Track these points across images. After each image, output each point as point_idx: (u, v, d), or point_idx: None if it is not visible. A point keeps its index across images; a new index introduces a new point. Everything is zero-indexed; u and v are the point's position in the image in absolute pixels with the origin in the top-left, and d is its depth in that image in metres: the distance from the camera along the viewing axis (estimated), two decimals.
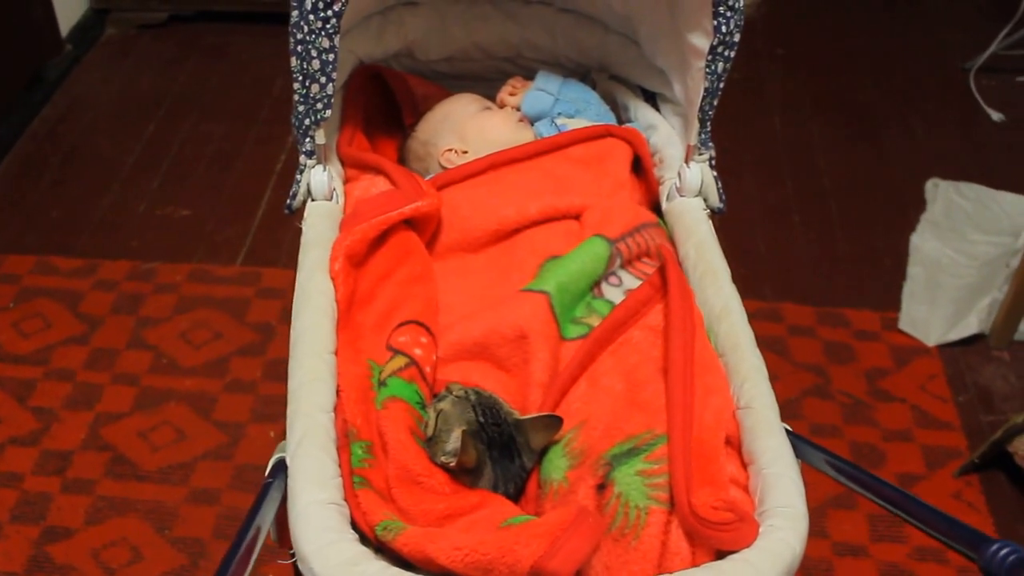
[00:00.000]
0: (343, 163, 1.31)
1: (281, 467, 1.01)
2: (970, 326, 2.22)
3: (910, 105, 2.95)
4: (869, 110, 2.93)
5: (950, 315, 2.26)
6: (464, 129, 1.39)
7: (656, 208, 1.36)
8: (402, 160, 1.46)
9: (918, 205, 2.56)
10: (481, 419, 1.01)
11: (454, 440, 0.98)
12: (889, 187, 2.65)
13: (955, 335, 2.22)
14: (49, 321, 2.19)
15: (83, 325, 2.17)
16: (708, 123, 1.26)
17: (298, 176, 1.24)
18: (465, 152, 1.38)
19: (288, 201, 1.26)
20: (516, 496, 1.04)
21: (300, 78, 1.17)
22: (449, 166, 1.38)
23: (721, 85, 1.24)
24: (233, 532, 1.77)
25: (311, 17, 1.13)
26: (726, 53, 1.21)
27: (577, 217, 1.26)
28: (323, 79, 1.17)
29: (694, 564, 0.94)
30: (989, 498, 1.92)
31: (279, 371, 2.09)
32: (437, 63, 1.54)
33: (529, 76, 1.50)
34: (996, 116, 2.88)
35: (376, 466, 1.02)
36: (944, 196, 2.57)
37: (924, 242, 2.46)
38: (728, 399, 1.03)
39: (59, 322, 2.18)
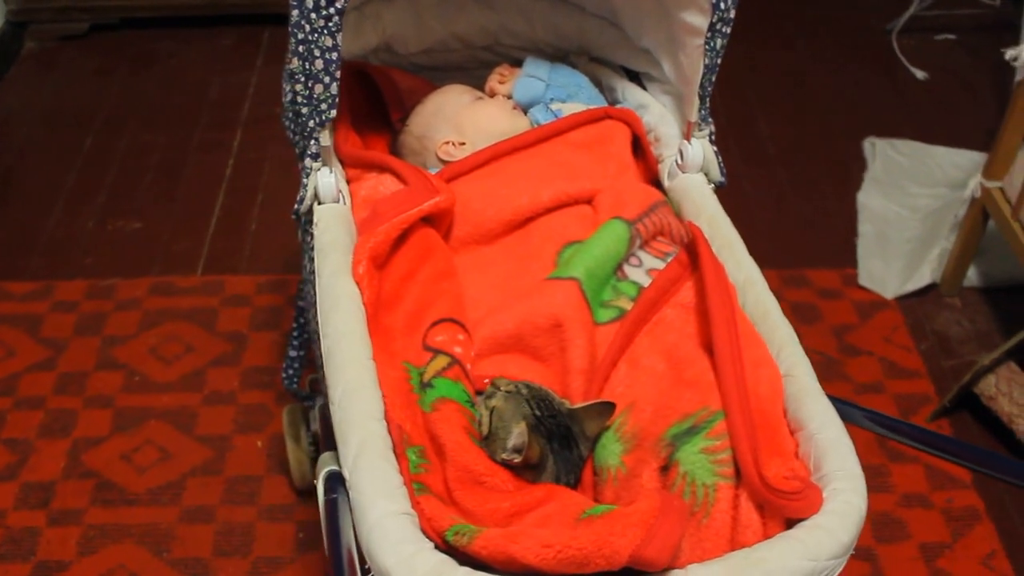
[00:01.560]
0: (343, 163, 1.26)
1: (335, 481, 0.97)
2: (923, 277, 2.27)
3: (839, 68, 3.01)
4: (802, 75, 2.98)
5: (903, 268, 2.31)
6: (459, 120, 1.35)
7: (655, 186, 1.35)
8: (395, 156, 1.42)
9: (860, 164, 2.61)
10: (537, 412, 0.99)
11: (517, 436, 0.95)
12: (830, 148, 2.69)
13: (911, 286, 2.27)
14: (10, 348, 2.08)
15: (47, 350, 2.07)
16: (707, 99, 1.25)
17: (304, 180, 1.19)
18: (463, 144, 1.34)
19: (296, 207, 1.21)
20: (575, 486, 1.02)
21: (303, 79, 1.12)
22: (447, 159, 1.34)
23: (719, 60, 1.23)
24: (233, 547, 1.74)
25: (313, 16, 1.08)
26: (724, 29, 1.20)
27: (589, 201, 1.24)
28: (327, 79, 1.12)
29: (766, 535, 0.93)
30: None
31: (257, 380, 2.05)
32: (416, 56, 1.50)
33: (509, 63, 1.47)
34: (920, 74, 2.95)
35: (432, 470, 0.98)
36: (882, 154, 2.63)
37: (870, 199, 2.51)
38: (776, 369, 1.02)
39: (21, 349, 2.08)
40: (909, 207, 2.47)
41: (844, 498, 0.92)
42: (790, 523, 0.93)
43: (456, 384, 1.02)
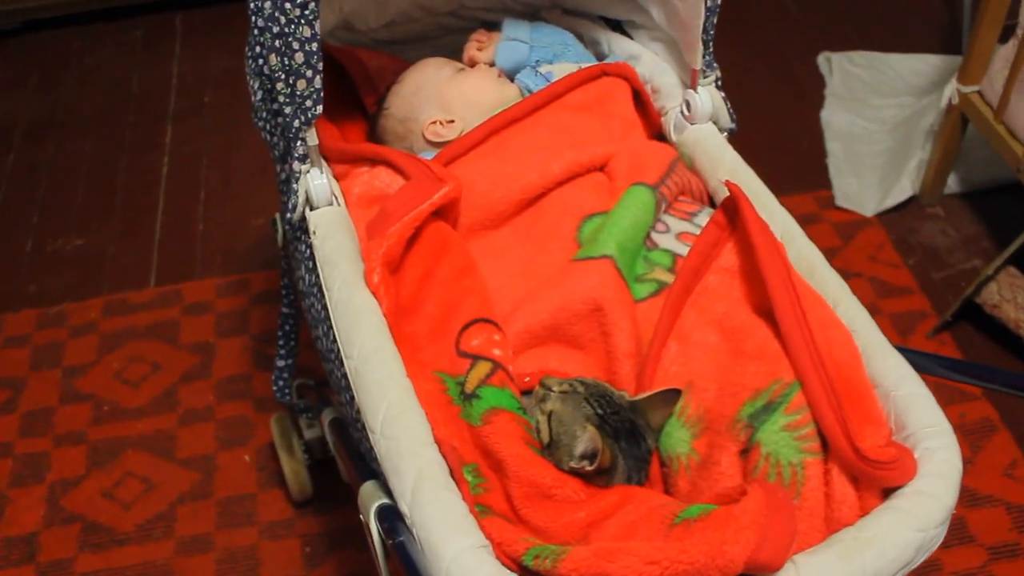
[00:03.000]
0: (327, 160, 1.16)
1: (390, 516, 0.89)
2: (904, 190, 2.25)
3: None
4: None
5: (879, 183, 2.28)
6: (444, 96, 1.26)
7: (660, 141, 1.28)
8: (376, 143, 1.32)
9: (816, 82, 2.57)
10: (599, 411, 0.92)
11: (586, 441, 0.89)
12: (784, 69, 2.64)
13: (891, 201, 2.24)
14: None
15: (5, 391, 1.94)
16: (711, 43, 1.18)
17: (294, 185, 1.09)
18: (451, 121, 1.25)
19: (288, 215, 1.11)
20: (644, 482, 0.96)
21: (283, 76, 1.01)
22: (437, 140, 1.25)
23: (719, 1, 1.15)
24: (239, 574, 1.65)
25: (287, 6, 0.97)
26: None
27: (601, 168, 1.16)
28: (310, 72, 1.02)
29: (862, 508, 0.88)
30: (965, 352, 1.96)
31: (232, 390, 1.94)
32: (377, 31, 1.40)
33: (476, 28, 1.37)
34: None
35: (491, 488, 0.91)
36: (839, 68, 2.59)
37: (833, 116, 2.47)
38: (846, 330, 0.96)
39: None
40: (875, 120, 2.44)
41: (941, 457, 0.88)
42: (887, 492, 0.89)
43: (503, 391, 0.94)
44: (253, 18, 1.09)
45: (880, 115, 2.44)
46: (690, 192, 1.16)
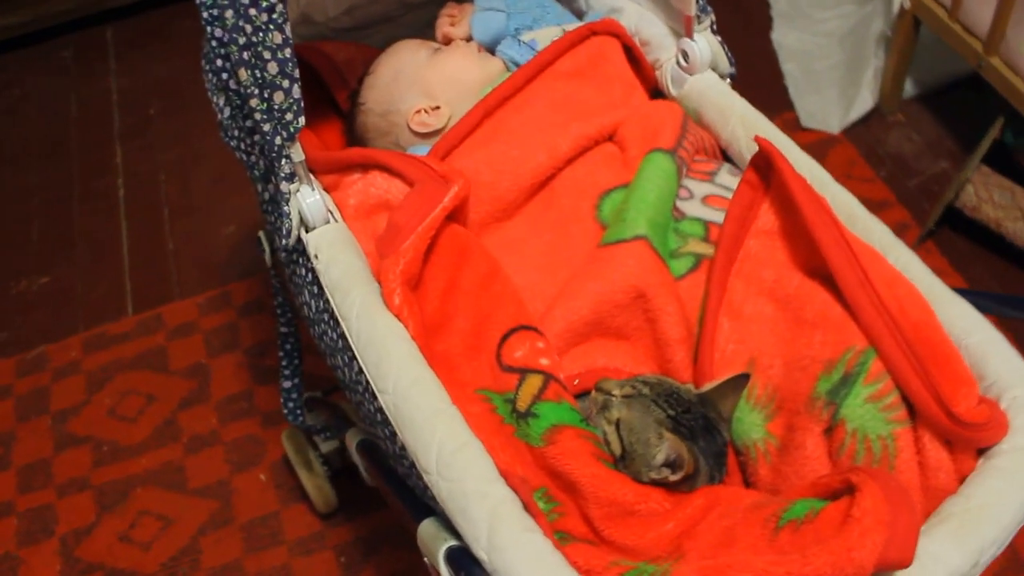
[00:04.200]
0: (314, 172, 1.01)
1: (463, 561, 0.77)
2: (866, 101, 2.15)
3: None
4: None
5: (840, 97, 2.17)
6: (425, 81, 1.11)
7: (658, 97, 1.14)
8: (357, 145, 1.17)
9: (763, 5, 2.43)
10: (671, 412, 0.80)
11: (666, 449, 0.77)
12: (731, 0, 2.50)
13: (855, 114, 2.14)
14: None
15: None
16: None
17: (285, 208, 0.94)
18: (437, 108, 1.10)
19: (282, 240, 0.96)
20: (724, 477, 0.84)
21: (256, 91, 0.86)
22: (424, 130, 1.10)
23: None
24: None
25: (252, 12, 0.81)
26: None
27: (610, 138, 1.03)
28: (286, 83, 0.86)
29: (958, 472, 0.79)
30: (951, 258, 1.88)
31: (234, 409, 1.79)
32: (337, 19, 1.23)
33: (443, 1, 1.22)
34: None
35: (566, 511, 0.79)
36: None
37: (784, 37, 2.34)
38: (912, 286, 0.85)
39: None
40: (823, 34, 2.32)
41: None
42: (981, 452, 0.79)
43: (561, 405, 0.82)
44: (209, 28, 0.93)
45: (827, 28, 2.32)
46: (704, 149, 1.03)
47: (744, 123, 1.03)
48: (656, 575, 0.71)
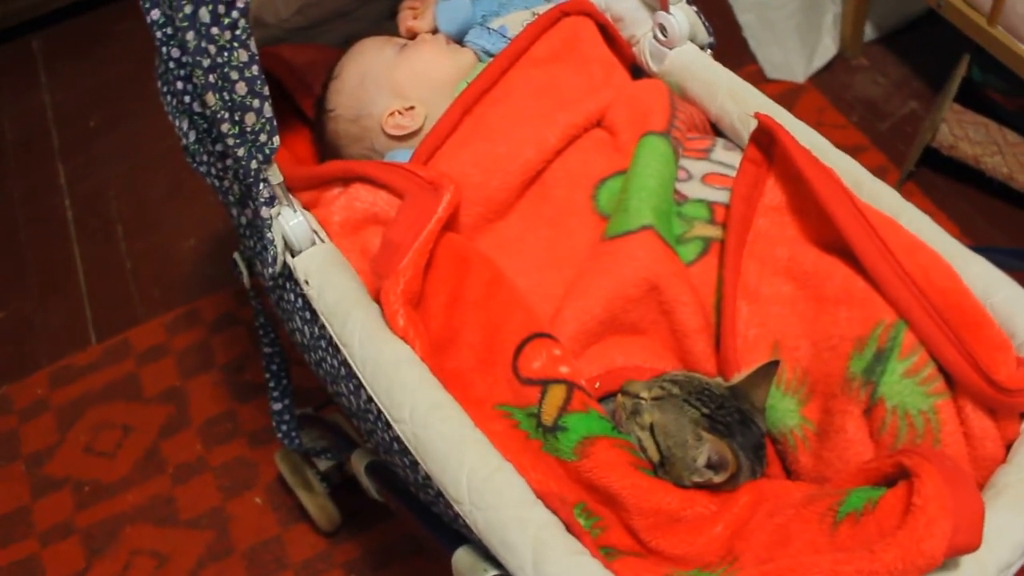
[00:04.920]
0: (291, 190, 0.96)
1: None
2: (828, 48, 2.13)
3: None
4: None
5: (801, 46, 2.15)
6: (394, 81, 1.06)
7: (637, 75, 1.11)
8: (330, 154, 1.12)
9: None
10: (705, 410, 0.78)
11: (707, 450, 0.75)
12: None
13: (819, 62, 2.12)
14: None
15: None
16: None
17: (268, 234, 0.89)
18: (411, 108, 1.06)
19: (268, 270, 0.92)
20: (765, 469, 0.82)
21: (226, 115, 0.81)
22: (400, 132, 1.06)
23: None
24: None
25: (214, 31, 0.76)
26: None
27: (598, 123, 0.99)
28: (257, 102, 0.82)
29: (1004, 439, 0.78)
30: (933, 198, 1.88)
31: (219, 432, 1.74)
32: (290, 20, 1.18)
33: None
34: None
35: (608, 525, 0.77)
36: None
37: None
38: (933, 252, 0.83)
39: None
40: None
41: None
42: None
43: (589, 415, 0.79)
44: (164, 49, 0.88)
45: None
46: (694, 126, 1.01)
47: (733, 96, 1.00)
48: None
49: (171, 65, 0.87)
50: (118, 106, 2.29)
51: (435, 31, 1.12)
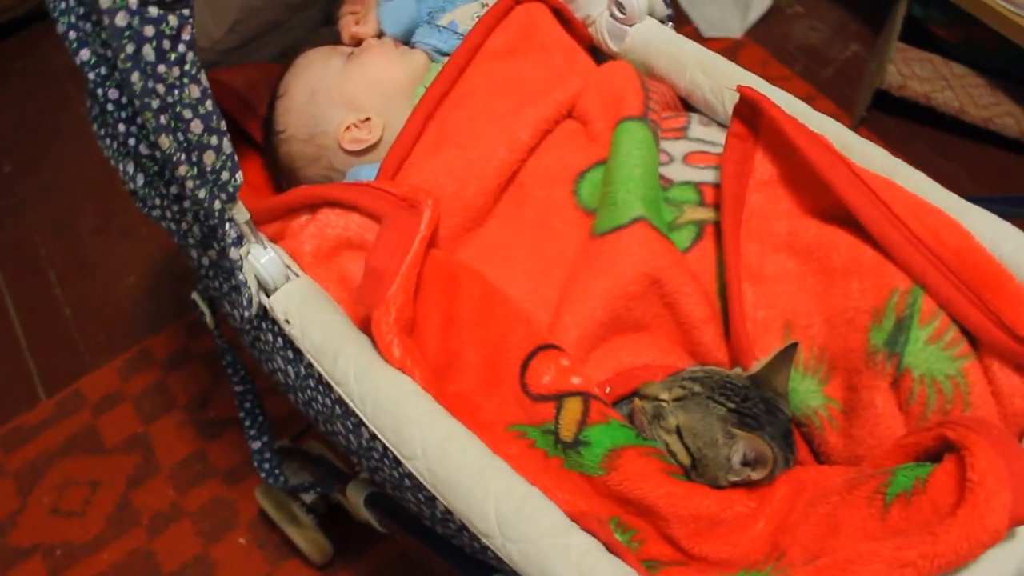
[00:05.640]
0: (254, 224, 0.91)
1: None
2: (762, 1, 2.12)
3: None
4: None
5: (734, 1, 2.14)
6: (346, 93, 1.02)
7: (596, 56, 1.08)
8: (285, 178, 1.07)
9: None
10: (731, 405, 0.75)
11: (742, 447, 0.73)
12: None
13: (754, 15, 2.12)
14: None
15: None
16: None
17: (240, 276, 0.84)
18: (367, 120, 1.01)
19: (243, 313, 0.87)
20: (796, 456, 0.81)
21: (183, 156, 0.76)
22: (358, 147, 1.02)
23: None
24: None
25: (161, 69, 0.71)
26: None
27: (569, 114, 0.96)
28: (215, 139, 0.77)
29: None
30: (888, 140, 1.89)
31: (191, 474, 1.68)
32: (224, 40, 1.12)
33: None
34: None
35: (646, 537, 0.75)
36: None
37: None
38: (940, 211, 0.81)
39: None
40: None
41: None
42: None
43: (611, 425, 0.76)
44: (98, 91, 0.82)
45: None
46: (667, 104, 0.98)
47: (703, 68, 0.98)
48: None
49: (110, 107, 0.81)
50: (32, 147, 2.19)
51: (380, 35, 1.07)
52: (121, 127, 0.83)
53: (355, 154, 1.02)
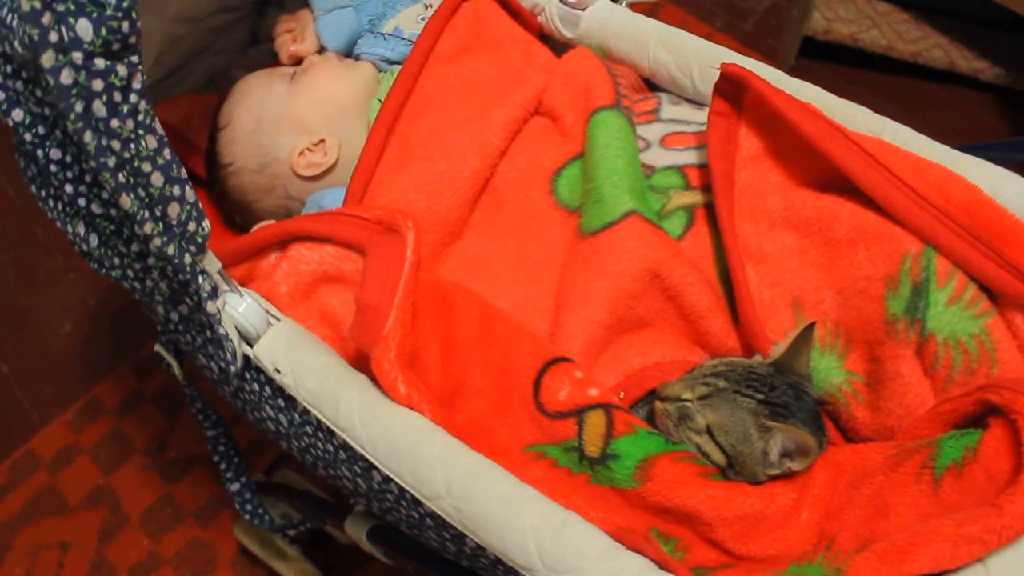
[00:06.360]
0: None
1: None
2: None
3: None
4: None
5: None
6: (295, 116, 0.95)
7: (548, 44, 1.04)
8: (238, 212, 1.01)
9: None
10: (759, 396, 0.73)
11: (780, 440, 0.70)
12: None
13: None
14: None
15: None
16: None
17: (220, 330, 0.78)
18: (321, 141, 0.95)
19: (229, 368, 0.81)
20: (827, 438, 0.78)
21: (146, 214, 0.70)
22: (315, 172, 0.96)
23: None
24: None
25: (115, 124, 0.65)
26: None
27: (536, 111, 0.92)
28: (177, 189, 0.71)
29: None
30: (821, 87, 1.88)
31: (164, 520, 1.61)
32: (150, 72, 1.05)
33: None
34: None
35: (690, 544, 0.72)
36: None
37: None
38: (939, 165, 0.79)
39: None
40: None
41: None
42: None
43: (638, 434, 0.73)
44: (38, 152, 0.75)
45: None
46: (632, 87, 0.94)
47: (666, 45, 0.94)
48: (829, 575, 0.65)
49: (53, 168, 0.74)
50: None
51: (321, 50, 1.01)
52: (68, 188, 0.76)
53: (312, 179, 0.96)
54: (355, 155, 0.90)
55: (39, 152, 0.74)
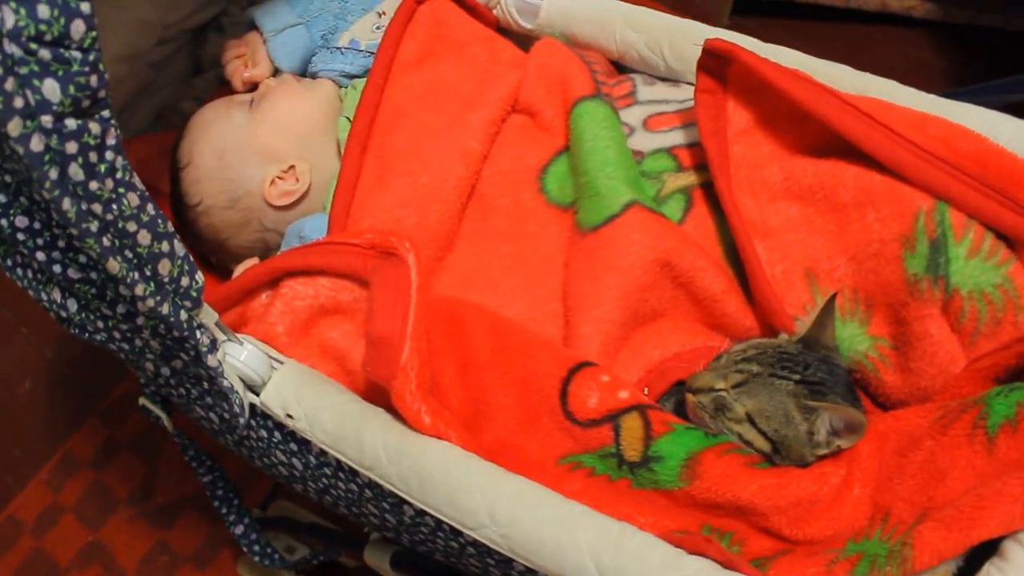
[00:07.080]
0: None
1: None
2: None
3: None
4: None
5: None
6: (260, 145, 0.90)
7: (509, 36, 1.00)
8: (213, 251, 0.96)
9: None
10: (795, 376, 0.70)
11: (827, 419, 0.68)
12: None
13: None
14: None
15: None
16: None
17: (224, 383, 0.73)
18: (291, 168, 0.90)
19: (236, 421, 0.76)
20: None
21: (136, 276, 0.64)
22: (289, 200, 0.91)
23: None
24: None
25: (94, 185, 0.59)
26: None
27: (513, 110, 0.88)
28: (165, 244, 0.65)
29: None
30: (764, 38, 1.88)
31: (158, 567, 1.55)
32: None
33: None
34: None
35: (746, 537, 0.69)
36: None
37: None
38: (937, 117, 0.77)
39: None
40: None
41: None
42: None
43: (678, 432, 0.70)
44: (2, 221, 0.70)
45: None
46: (607, 73, 0.91)
47: (632, 25, 0.91)
48: (893, 551, 0.63)
49: (20, 237, 0.69)
50: None
51: (276, 72, 0.96)
52: (40, 255, 0.70)
53: (287, 208, 0.91)
54: (328, 177, 0.85)
55: (3, 222, 0.69)
